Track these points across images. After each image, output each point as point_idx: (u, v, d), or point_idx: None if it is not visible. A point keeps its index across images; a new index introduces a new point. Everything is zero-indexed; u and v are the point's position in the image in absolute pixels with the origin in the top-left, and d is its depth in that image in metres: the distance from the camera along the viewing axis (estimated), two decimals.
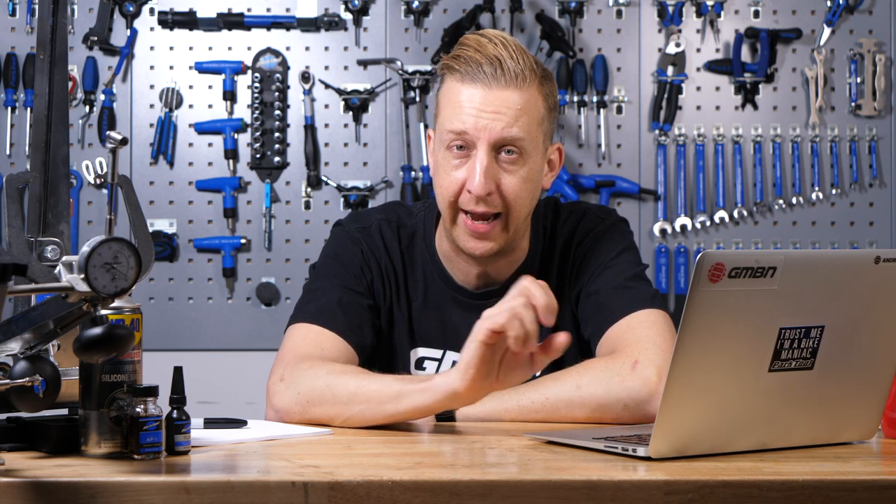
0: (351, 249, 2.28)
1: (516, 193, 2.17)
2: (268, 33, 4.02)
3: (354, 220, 2.34)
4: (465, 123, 2.14)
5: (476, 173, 2.14)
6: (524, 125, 2.15)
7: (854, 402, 1.84)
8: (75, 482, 1.55)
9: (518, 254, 2.29)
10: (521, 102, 2.14)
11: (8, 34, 3.98)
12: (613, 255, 2.27)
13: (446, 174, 2.18)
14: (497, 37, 2.17)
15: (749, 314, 1.69)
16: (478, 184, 2.13)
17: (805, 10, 4.08)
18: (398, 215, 2.33)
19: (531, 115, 2.15)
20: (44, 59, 1.82)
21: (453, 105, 2.16)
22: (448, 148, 2.17)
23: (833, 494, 1.57)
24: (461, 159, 2.16)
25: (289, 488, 1.54)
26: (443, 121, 2.18)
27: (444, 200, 2.19)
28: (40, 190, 1.81)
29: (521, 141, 2.15)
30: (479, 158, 2.14)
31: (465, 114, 2.14)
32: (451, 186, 2.17)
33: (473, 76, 2.14)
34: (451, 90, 2.17)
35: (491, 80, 2.13)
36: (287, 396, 2.08)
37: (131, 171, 3.97)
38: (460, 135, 2.15)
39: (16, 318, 1.71)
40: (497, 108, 2.13)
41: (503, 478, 1.58)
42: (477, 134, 2.14)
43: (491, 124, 2.13)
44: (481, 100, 2.14)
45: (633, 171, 4.05)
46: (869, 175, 4.07)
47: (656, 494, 1.56)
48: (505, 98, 2.13)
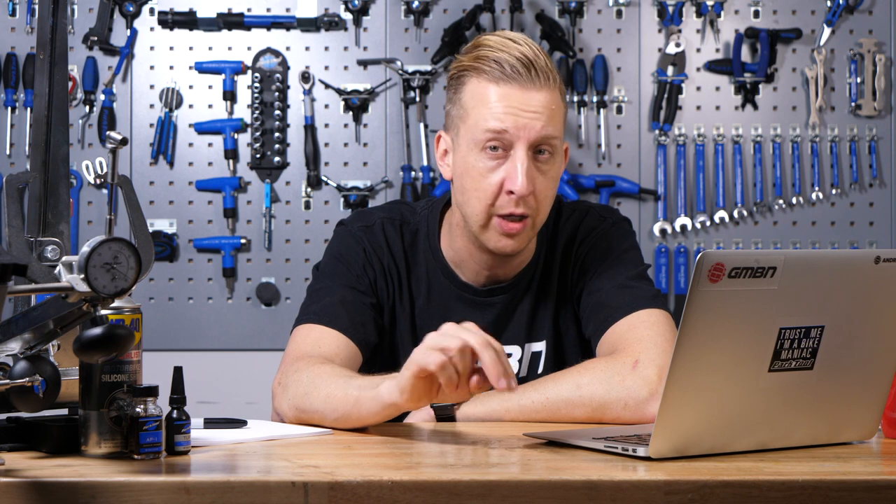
0: (353, 248, 2.28)
1: (546, 193, 2.17)
2: (268, 33, 4.02)
3: (357, 218, 2.34)
4: (503, 122, 2.12)
5: (518, 174, 2.12)
6: (558, 124, 2.15)
7: (854, 402, 1.84)
8: (75, 482, 1.55)
9: (527, 252, 2.28)
10: (554, 102, 2.14)
11: (8, 34, 3.98)
12: (616, 255, 2.27)
13: (481, 177, 2.15)
14: (520, 38, 2.16)
15: (749, 314, 1.69)
16: (521, 185, 2.12)
17: (805, 10, 4.08)
18: (401, 213, 2.33)
19: (560, 113, 2.16)
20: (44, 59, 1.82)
21: (488, 105, 2.13)
22: (482, 150, 2.14)
23: (833, 494, 1.57)
24: (497, 161, 2.14)
25: (289, 488, 1.54)
26: (476, 121, 2.14)
27: (481, 203, 2.16)
28: (40, 190, 1.81)
29: (555, 140, 2.15)
30: (519, 159, 2.12)
31: (503, 113, 2.12)
32: (488, 189, 2.15)
33: (507, 75, 2.12)
34: (481, 91, 2.14)
35: (525, 80, 2.12)
36: (283, 401, 2.09)
37: (131, 171, 3.97)
38: (499, 134, 2.12)
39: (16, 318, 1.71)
40: (535, 107, 2.12)
41: (503, 478, 1.58)
42: (517, 133, 2.12)
43: (531, 123, 2.12)
44: (519, 99, 2.12)
45: (633, 171, 4.05)
46: (869, 175, 4.07)
47: (656, 494, 1.56)
48: (541, 98, 2.13)
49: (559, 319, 2.30)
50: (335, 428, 2.00)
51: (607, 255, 2.27)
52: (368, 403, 1.93)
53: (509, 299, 2.28)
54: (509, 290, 2.28)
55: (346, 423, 1.98)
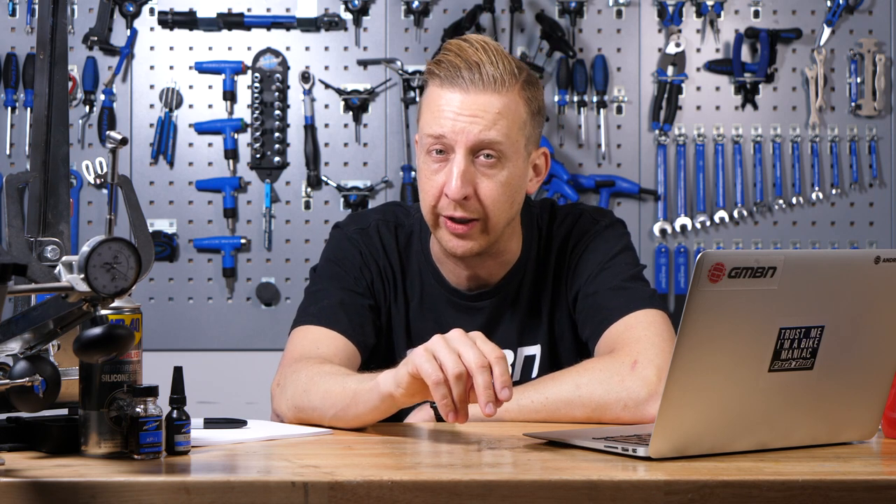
0: (350, 251, 2.29)
1: (493, 198, 2.16)
2: (268, 33, 4.02)
3: (353, 221, 2.35)
4: (442, 127, 2.13)
5: (453, 177, 2.13)
6: (503, 129, 2.13)
7: (854, 402, 1.84)
8: (75, 482, 1.55)
9: (508, 255, 2.28)
10: (500, 106, 2.13)
11: (8, 34, 3.98)
12: (611, 256, 2.26)
13: (426, 179, 2.18)
14: (478, 41, 2.16)
15: (749, 314, 1.69)
16: (454, 188, 2.13)
17: (805, 10, 4.08)
18: (396, 215, 2.34)
19: (511, 118, 2.14)
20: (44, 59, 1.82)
21: (432, 110, 2.15)
22: (427, 153, 2.17)
23: (833, 494, 1.57)
24: (440, 163, 2.16)
25: (289, 488, 1.54)
26: (423, 125, 2.18)
27: (426, 205, 2.19)
28: (40, 190, 1.81)
29: (498, 144, 2.14)
30: (455, 162, 2.13)
31: (443, 118, 2.13)
32: (430, 191, 2.17)
33: (452, 81, 2.13)
34: (431, 95, 2.17)
35: (469, 85, 2.12)
36: (281, 402, 2.10)
37: (131, 171, 3.97)
38: (438, 139, 2.14)
39: (16, 318, 1.71)
40: (474, 111, 2.12)
41: (503, 478, 1.58)
42: (454, 137, 2.13)
43: (468, 127, 2.12)
44: (459, 104, 2.13)
45: (633, 171, 4.05)
46: (869, 175, 4.07)
47: (656, 494, 1.56)
48: (483, 102, 2.12)
49: (554, 323, 2.30)
50: (334, 427, 2.00)
51: (602, 258, 2.26)
52: (366, 396, 1.92)
53: (497, 303, 2.28)
54: (497, 295, 2.28)
55: (345, 418, 1.98)
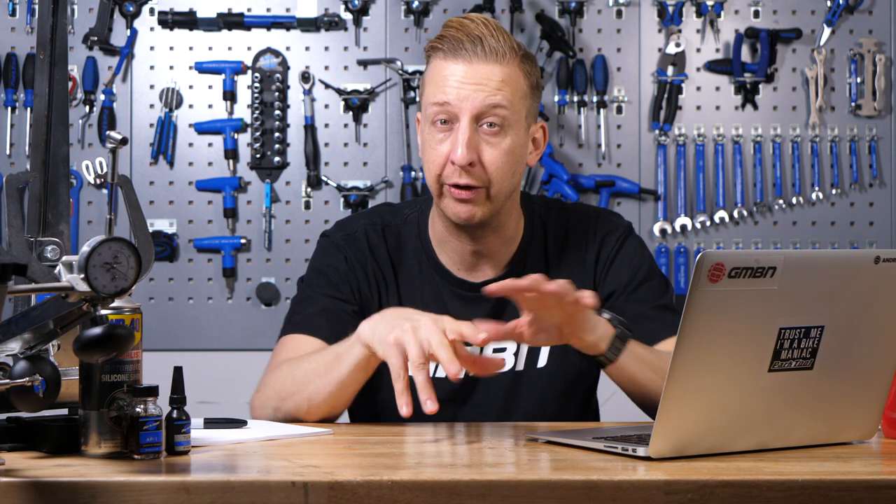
0: (335, 257, 2.34)
1: (497, 165, 2.21)
2: (268, 33, 4.02)
3: (339, 228, 2.40)
4: (447, 95, 2.20)
5: (458, 144, 2.19)
6: (506, 96, 2.20)
7: (854, 402, 1.84)
8: (75, 482, 1.55)
9: (509, 232, 2.32)
10: (502, 75, 2.20)
11: (8, 34, 3.97)
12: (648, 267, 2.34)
13: (431, 149, 2.24)
14: (478, 18, 2.24)
15: (749, 314, 1.69)
16: (460, 154, 2.18)
17: (805, 10, 4.08)
18: (382, 217, 2.38)
19: (512, 88, 2.21)
20: (44, 59, 1.82)
21: (437, 81, 2.22)
22: (433, 123, 2.23)
23: (833, 494, 1.57)
24: (445, 133, 2.22)
25: (289, 488, 1.54)
26: (427, 96, 2.24)
27: (431, 174, 2.24)
28: (40, 190, 1.81)
29: (502, 110, 2.20)
30: (460, 130, 2.20)
31: (447, 86, 2.20)
32: (436, 160, 2.23)
33: (456, 52, 2.20)
34: (434, 68, 2.24)
35: (472, 56, 2.20)
36: (259, 400, 2.19)
37: (131, 171, 3.97)
38: (443, 106, 2.20)
39: (16, 318, 1.71)
40: (478, 80, 2.20)
41: (503, 478, 1.58)
42: (459, 104, 2.19)
43: (472, 95, 2.19)
44: (463, 73, 2.20)
45: (633, 171, 4.05)
46: (869, 175, 4.07)
47: (656, 494, 1.56)
48: (486, 71, 2.20)
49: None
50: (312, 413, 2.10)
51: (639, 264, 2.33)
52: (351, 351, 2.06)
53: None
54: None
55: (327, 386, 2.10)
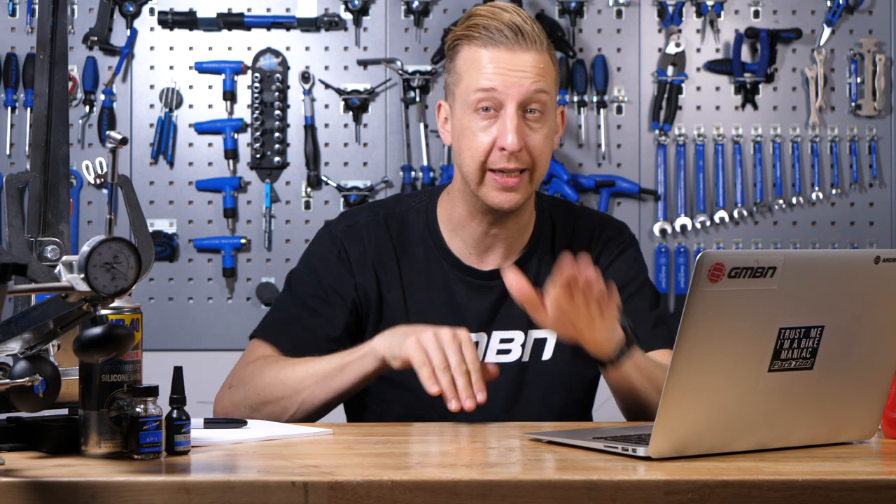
0: (328, 251, 2.35)
1: (541, 150, 2.26)
2: (268, 33, 4.02)
3: (342, 219, 2.41)
4: (492, 81, 2.23)
5: (508, 130, 2.22)
6: (548, 83, 2.26)
7: (854, 402, 1.84)
8: (75, 482, 1.55)
9: (525, 218, 2.35)
10: (542, 63, 2.25)
11: (8, 34, 3.97)
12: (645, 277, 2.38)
13: (474, 136, 2.26)
14: (507, 6, 2.28)
15: (749, 314, 1.69)
16: (511, 140, 2.22)
17: (805, 10, 4.08)
18: (385, 206, 2.40)
19: (550, 75, 2.27)
20: (44, 59, 1.82)
21: (478, 67, 2.24)
22: (475, 111, 2.25)
23: (833, 494, 1.57)
24: (488, 120, 2.25)
25: (289, 488, 1.54)
26: (468, 83, 2.25)
27: (474, 161, 2.25)
28: (40, 190, 1.81)
29: (544, 96, 2.25)
30: (508, 116, 2.23)
31: (492, 73, 2.23)
32: (480, 147, 2.25)
33: (496, 40, 2.23)
34: (472, 55, 2.26)
35: (513, 43, 2.23)
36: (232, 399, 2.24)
37: (131, 171, 3.97)
38: (488, 92, 2.23)
39: (16, 318, 1.71)
40: (522, 67, 2.23)
41: (503, 478, 1.58)
42: (506, 91, 2.23)
43: (519, 81, 2.23)
44: (507, 60, 2.23)
45: (633, 171, 4.05)
46: (869, 175, 4.07)
47: (656, 494, 1.56)
48: (528, 59, 2.24)
49: None
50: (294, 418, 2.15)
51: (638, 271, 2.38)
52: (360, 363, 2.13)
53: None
54: None
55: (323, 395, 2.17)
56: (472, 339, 2.21)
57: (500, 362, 2.27)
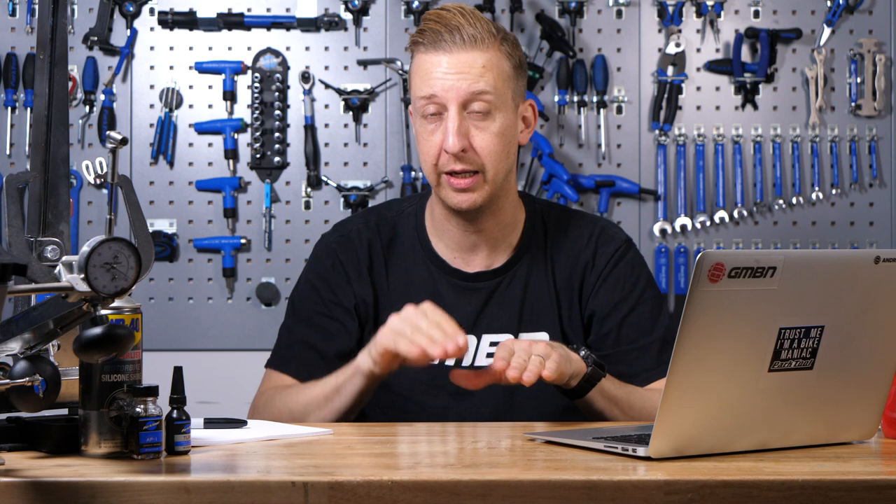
0: (324, 264, 2.38)
1: (489, 149, 2.26)
2: (268, 33, 4.02)
3: (335, 229, 2.44)
4: (433, 87, 2.25)
5: (449, 132, 2.24)
6: (489, 80, 2.25)
7: (854, 402, 1.84)
8: (75, 482, 1.55)
9: (507, 218, 2.34)
10: (483, 61, 2.25)
11: (8, 34, 3.97)
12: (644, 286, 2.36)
13: (424, 141, 2.29)
14: (454, 7, 2.29)
15: (749, 314, 1.69)
16: (451, 143, 2.23)
17: (805, 10, 4.08)
18: (377, 212, 2.43)
19: (495, 72, 2.26)
20: (44, 59, 1.82)
21: (421, 74, 2.27)
22: (423, 117, 2.28)
23: (833, 494, 1.57)
24: (435, 124, 2.27)
25: (289, 488, 1.54)
26: (415, 91, 2.29)
27: (427, 165, 2.29)
28: (40, 190, 1.81)
29: (488, 95, 2.25)
30: (450, 118, 2.24)
31: (432, 79, 2.25)
32: (430, 150, 2.27)
33: (436, 45, 2.25)
34: (418, 63, 2.29)
35: (451, 45, 2.24)
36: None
37: (131, 171, 3.97)
38: (430, 98, 2.25)
39: (16, 318, 1.71)
40: (460, 68, 2.24)
41: (503, 478, 1.58)
42: (445, 95, 2.24)
43: (457, 84, 2.24)
44: (446, 64, 2.25)
45: (633, 171, 4.05)
46: (869, 175, 4.07)
47: (656, 494, 1.56)
48: (467, 59, 2.25)
49: (562, 317, 2.32)
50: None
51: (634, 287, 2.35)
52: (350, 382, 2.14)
53: (496, 285, 2.34)
54: (496, 276, 2.32)
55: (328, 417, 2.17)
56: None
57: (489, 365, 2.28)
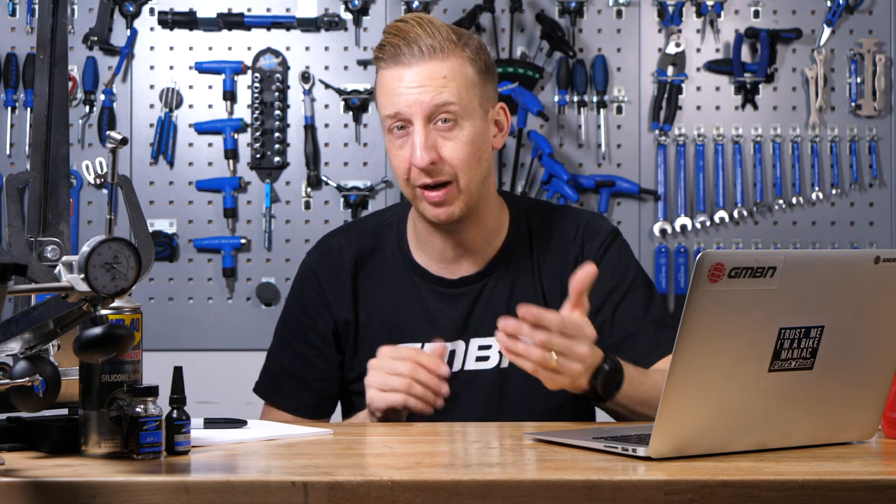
0: (303, 288, 2.40)
1: (459, 158, 2.23)
2: (268, 33, 4.02)
3: (317, 247, 2.45)
4: (396, 105, 2.22)
5: (416, 147, 2.21)
6: (452, 91, 2.22)
7: (854, 402, 1.84)
8: (75, 482, 1.55)
9: (489, 224, 2.32)
10: (445, 71, 2.22)
11: (8, 34, 3.97)
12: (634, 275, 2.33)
13: (395, 157, 2.26)
14: (413, 18, 2.26)
15: (749, 314, 1.69)
16: (418, 157, 2.21)
17: (805, 10, 4.08)
18: (359, 224, 2.44)
19: (458, 80, 2.23)
20: (44, 59, 1.82)
21: (384, 91, 2.24)
22: (390, 132, 2.25)
23: (833, 494, 1.57)
24: (403, 138, 2.24)
25: (289, 488, 1.54)
26: (380, 109, 2.26)
27: (400, 181, 2.27)
28: (40, 190, 1.81)
29: (452, 106, 2.22)
30: (416, 133, 2.21)
31: (394, 95, 2.22)
32: (400, 165, 2.25)
33: (396, 59, 2.22)
34: (381, 79, 2.26)
35: (410, 59, 2.21)
36: None
37: (131, 171, 3.97)
38: (395, 116, 2.23)
39: (16, 318, 1.71)
40: (421, 81, 2.21)
41: (503, 478, 1.58)
42: (408, 110, 2.21)
43: (420, 97, 2.21)
44: (407, 78, 2.21)
45: (633, 171, 4.05)
46: (869, 175, 4.07)
47: (656, 494, 1.56)
48: (427, 71, 2.21)
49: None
50: None
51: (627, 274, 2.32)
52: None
53: (480, 290, 2.32)
54: (480, 280, 2.32)
55: None
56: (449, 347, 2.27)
57: (479, 369, 2.28)
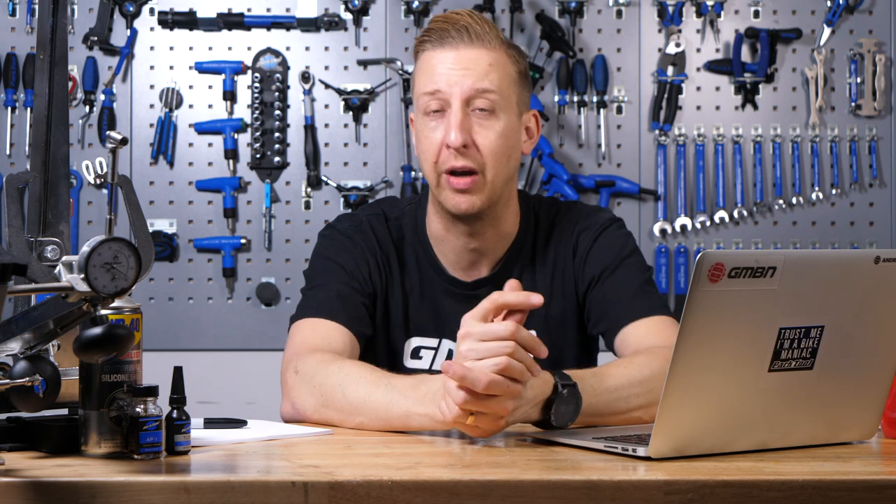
0: (345, 246, 2.32)
1: (491, 148, 2.22)
2: (268, 33, 4.02)
3: (344, 219, 2.39)
4: (437, 83, 2.21)
5: (451, 127, 2.19)
6: (495, 79, 2.21)
7: (854, 402, 1.84)
8: (75, 482, 1.55)
9: (506, 228, 2.31)
10: (491, 59, 2.22)
11: (8, 34, 3.97)
12: (627, 254, 2.30)
13: (426, 139, 2.24)
14: (463, 11, 2.26)
15: (749, 314, 1.69)
16: (454, 137, 2.19)
17: (805, 10, 4.08)
18: (383, 209, 2.39)
19: (501, 73, 2.23)
20: (44, 59, 1.82)
21: (426, 71, 2.23)
22: (426, 114, 2.24)
23: (833, 494, 1.57)
24: (437, 121, 2.23)
25: (289, 488, 1.54)
26: (418, 88, 2.25)
27: (427, 163, 2.24)
28: (40, 190, 1.81)
29: (492, 94, 2.21)
30: (452, 113, 2.20)
31: (436, 74, 2.22)
32: (431, 147, 2.23)
33: (443, 42, 2.22)
34: (423, 60, 2.25)
35: (458, 42, 2.21)
36: (304, 391, 2.08)
37: (131, 171, 3.97)
38: (434, 94, 2.22)
39: (16, 318, 1.71)
40: (466, 64, 2.21)
41: (503, 478, 1.58)
42: (449, 90, 2.20)
43: (461, 79, 2.20)
44: (452, 60, 2.21)
45: (633, 171, 4.05)
46: (869, 175, 4.07)
47: (656, 494, 1.56)
48: (473, 56, 2.21)
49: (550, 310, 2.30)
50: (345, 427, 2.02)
51: (617, 252, 2.30)
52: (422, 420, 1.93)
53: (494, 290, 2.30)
54: (494, 282, 2.31)
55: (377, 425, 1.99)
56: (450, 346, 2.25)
57: None
